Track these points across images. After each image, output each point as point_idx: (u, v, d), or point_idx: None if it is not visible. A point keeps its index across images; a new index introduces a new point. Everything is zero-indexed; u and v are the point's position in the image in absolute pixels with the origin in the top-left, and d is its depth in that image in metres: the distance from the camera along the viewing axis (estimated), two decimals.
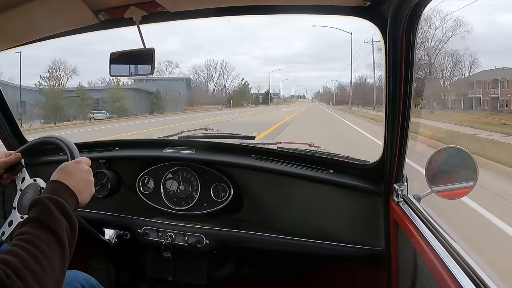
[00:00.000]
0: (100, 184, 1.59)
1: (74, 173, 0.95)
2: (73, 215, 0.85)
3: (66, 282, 1.19)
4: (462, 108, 16.99)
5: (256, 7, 1.33)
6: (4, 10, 1.18)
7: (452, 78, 18.74)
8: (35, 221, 0.78)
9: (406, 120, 1.21)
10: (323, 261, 1.60)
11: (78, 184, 0.93)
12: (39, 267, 0.71)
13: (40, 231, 0.77)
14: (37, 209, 0.81)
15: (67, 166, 0.98)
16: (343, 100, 36.15)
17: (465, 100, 17.08)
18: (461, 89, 17.49)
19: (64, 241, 0.78)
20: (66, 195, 0.88)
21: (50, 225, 0.78)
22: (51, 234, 0.77)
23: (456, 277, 0.85)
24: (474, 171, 1.17)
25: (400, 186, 1.28)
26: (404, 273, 1.29)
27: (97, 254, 1.84)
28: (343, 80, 41.16)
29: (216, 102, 34.06)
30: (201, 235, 1.47)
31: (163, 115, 25.38)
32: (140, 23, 1.33)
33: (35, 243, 0.74)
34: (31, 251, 0.72)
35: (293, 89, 62.50)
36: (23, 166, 1.15)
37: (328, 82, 59.06)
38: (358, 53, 40.42)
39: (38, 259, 0.72)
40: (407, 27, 1.09)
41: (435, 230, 1.05)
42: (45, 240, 0.76)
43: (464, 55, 18.08)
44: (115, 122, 20.39)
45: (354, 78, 36.63)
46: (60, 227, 0.79)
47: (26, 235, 0.76)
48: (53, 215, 0.80)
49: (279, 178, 1.55)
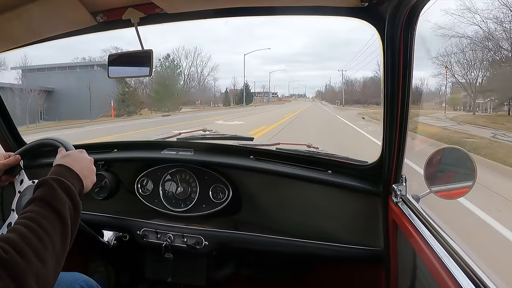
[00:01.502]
0: (99, 186, 1.59)
1: (78, 159, 0.97)
2: (77, 196, 0.86)
3: (66, 284, 1.19)
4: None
5: (254, 8, 1.33)
6: (3, 12, 1.18)
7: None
8: (38, 200, 0.80)
9: (404, 120, 1.21)
10: (322, 262, 1.60)
11: (83, 170, 0.95)
12: (40, 242, 0.72)
13: (42, 209, 0.78)
14: (42, 189, 0.83)
15: (72, 153, 1.00)
16: (351, 98, 31.21)
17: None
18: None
19: (66, 219, 0.79)
20: (70, 177, 0.90)
21: (52, 203, 0.79)
22: (53, 211, 0.78)
23: (455, 277, 0.85)
24: (472, 171, 1.17)
25: (398, 187, 1.28)
26: (403, 274, 1.29)
27: (96, 256, 1.83)
28: (350, 75, 36.05)
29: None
30: (200, 236, 1.47)
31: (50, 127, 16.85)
32: (138, 25, 1.33)
33: (36, 220, 0.75)
34: (32, 228, 0.73)
35: (289, 86, 61.32)
36: (22, 168, 1.15)
37: (331, 78, 54.84)
38: (368, 44, 31.45)
39: (38, 235, 0.73)
40: (405, 27, 1.09)
41: (434, 230, 1.05)
42: (47, 217, 0.77)
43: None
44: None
45: (366, 74, 31.85)
46: (63, 206, 0.81)
47: (28, 213, 0.77)
48: (57, 194, 0.82)
49: (278, 179, 1.55)
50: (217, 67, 34.27)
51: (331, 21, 46.54)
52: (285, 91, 55.62)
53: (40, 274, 0.69)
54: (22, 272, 0.67)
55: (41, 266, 0.70)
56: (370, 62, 35.77)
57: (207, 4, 1.30)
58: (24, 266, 0.67)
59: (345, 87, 33.05)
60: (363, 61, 35.77)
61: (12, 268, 0.66)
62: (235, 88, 35.70)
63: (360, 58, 31.56)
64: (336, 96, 36.62)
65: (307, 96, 48.01)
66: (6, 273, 0.65)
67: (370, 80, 27.43)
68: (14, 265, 0.66)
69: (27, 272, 0.67)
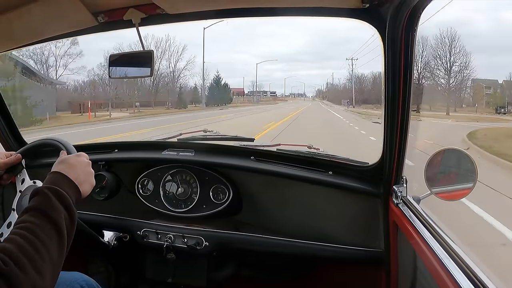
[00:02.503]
0: (99, 187, 1.59)
1: (75, 165, 0.96)
2: (72, 205, 0.85)
3: (66, 283, 1.19)
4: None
5: (254, 9, 1.33)
6: (4, 12, 1.19)
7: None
8: (34, 210, 0.79)
9: (405, 121, 1.21)
10: (323, 263, 1.60)
11: (80, 176, 0.94)
12: (37, 254, 0.72)
13: (39, 219, 0.77)
14: (37, 199, 0.82)
15: (68, 158, 0.99)
16: (360, 97, 26.27)
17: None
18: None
19: (62, 229, 0.79)
20: (66, 185, 0.89)
21: (48, 213, 0.79)
22: (49, 222, 0.78)
23: (456, 279, 0.85)
24: (473, 173, 1.17)
25: (399, 188, 1.28)
26: (403, 275, 1.29)
27: (96, 256, 1.83)
28: (357, 68, 29.09)
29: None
30: (201, 237, 1.47)
31: None
32: (139, 25, 1.33)
33: (33, 231, 0.75)
34: (29, 239, 0.73)
35: (285, 84, 59.78)
36: (23, 167, 1.16)
37: (334, 74, 51.38)
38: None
39: (36, 247, 0.73)
40: (406, 28, 1.09)
41: (434, 231, 1.04)
42: (43, 228, 0.76)
43: None
44: None
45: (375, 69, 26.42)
46: (59, 216, 0.80)
47: (25, 223, 0.76)
48: (52, 204, 0.81)
49: (278, 180, 1.55)
50: (193, 59, 28.19)
51: (331, 20, 45.81)
52: (283, 90, 53.95)
53: (37, 286, 0.69)
54: (20, 284, 0.67)
55: (39, 278, 0.70)
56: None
57: (208, 5, 1.30)
58: (22, 279, 0.67)
59: (356, 81, 26.83)
60: (374, 51, 30.67)
61: (11, 280, 0.66)
62: (216, 84, 29.43)
63: (368, 49, 24.98)
64: (341, 94, 30.60)
65: (307, 95, 44.42)
66: (7, 285, 0.65)
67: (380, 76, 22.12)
68: (14, 277, 0.67)
69: (25, 285, 0.67)
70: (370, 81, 27.59)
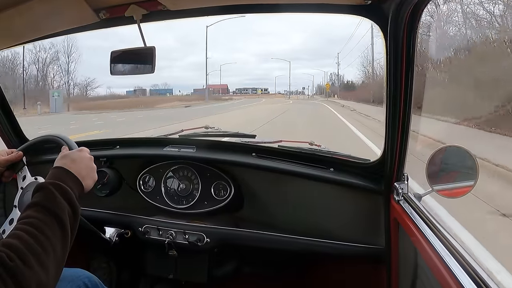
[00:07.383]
0: (101, 183, 1.59)
1: (77, 159, 0.96)
2: (75, 200, 0.86)
3: (68, 279, 1.20)
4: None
5: (256, 5, 1.32)
6: (5, 9, 1.18)
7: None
8: (37, 205, 0.80)
9: (406, 118, 1.21)
10: (324, 260, 1.60)
11: (82, 171, 0.94)
12: (42, 249, 0.72)
13: (42, 215, 0.78)
14: (40, 194, 0.82)
15: (70, 153, 0.99)
16: (363, 97, 22.75)
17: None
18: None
19: (66, 224, 0.79)
20: (69, 180, 0.89)
21: (52, 209, 0.79)
22: (53, 217, 0.78)
23: (457, 276, 0.85)
24: (474, 170, 1.16)
25: (400, 185, 1.28)
26: (404, 272, 1.30)
27: (98, 252, 1.84)
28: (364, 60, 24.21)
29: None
30: (202, 233, 1.48)
31: None
32: (141, 22, 1.33)
33: (38, 226, 0.75)
34: (34, 234, 0.73)
35: (275, 80, 58.26)
36: (24, 164, 1.16)
37: (335, 69, 44.28)
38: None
39: (40, 242, 0.73)
40: (408, 25, 1.09)
41: (435, 229, 1.04)
42: (47, 223, 0.77)
43: None
44: None
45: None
46: (63, 211, 0.80)
47: (29, 218, 0.77)
48: (56, 200, 0.81)
49: (280, 176, 1.55)
50: (73, 47, 24.73)
51: (331, 17, 45.14)
52: (281, 89, 53.04)
53: (42, 281, 0.70)
54: (25, 280, 0.67)
55: (43, 273, 0.70)
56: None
57: (209, 1, 1.30)
58: (27, 274, 0.68)
59: (377, 65, 21.27)
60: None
61: (17, 275, 0.67)
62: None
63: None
64: (343, 93, 24.87)
65: (306, 92, 41.64)
66: (12, 280, 0.66)
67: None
68: (19, 272, 0.67)
69: (30, 280, 0.68)
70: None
